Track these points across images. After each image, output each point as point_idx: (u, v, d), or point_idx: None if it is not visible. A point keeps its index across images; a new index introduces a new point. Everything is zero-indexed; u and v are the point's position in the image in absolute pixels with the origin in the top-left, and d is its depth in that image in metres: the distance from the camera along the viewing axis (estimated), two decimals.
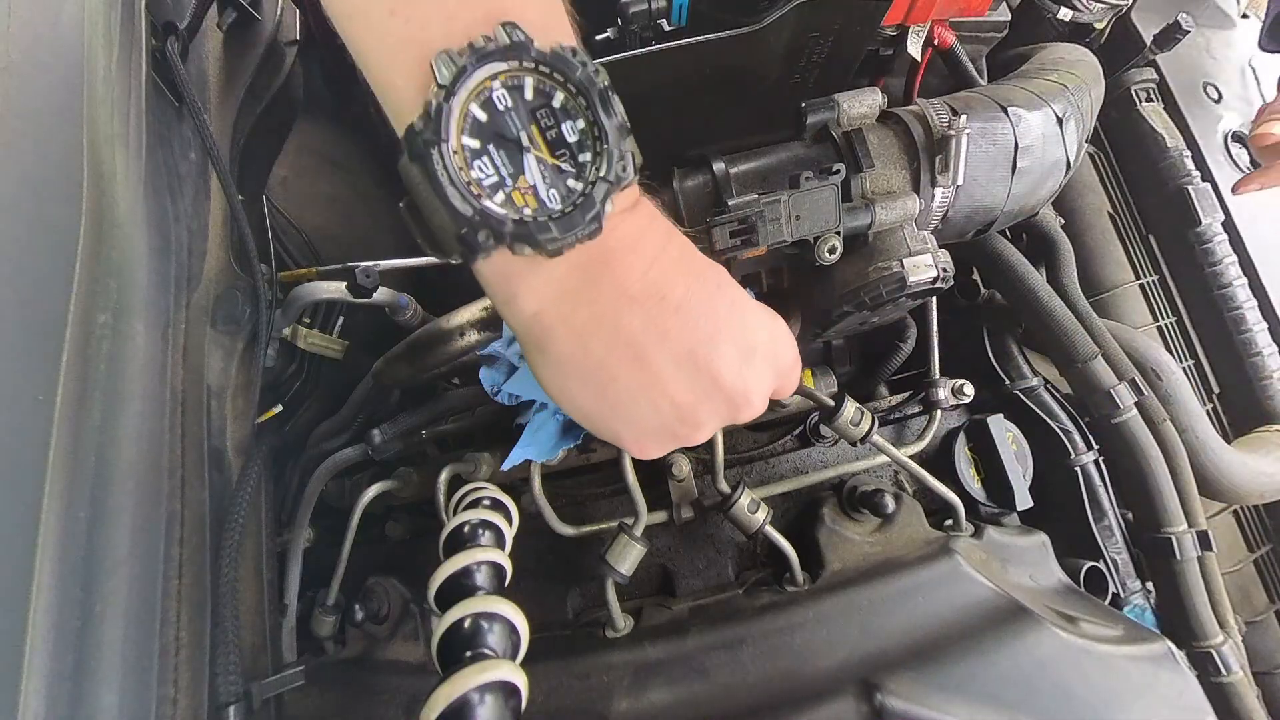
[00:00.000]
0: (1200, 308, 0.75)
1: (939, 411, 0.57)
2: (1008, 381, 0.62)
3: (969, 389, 0.58)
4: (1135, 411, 0.57)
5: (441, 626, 0.31)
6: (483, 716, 0.27)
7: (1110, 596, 0.54)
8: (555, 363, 0.31)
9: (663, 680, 0.42)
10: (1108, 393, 0.56)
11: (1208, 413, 0.69)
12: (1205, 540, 0.56)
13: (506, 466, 0.45)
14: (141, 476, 0.34)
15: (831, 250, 0.46)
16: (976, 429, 0.57)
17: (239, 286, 0.46)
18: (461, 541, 0.37)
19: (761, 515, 0.46)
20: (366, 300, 0.50)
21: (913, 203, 0.48)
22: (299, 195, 0.68)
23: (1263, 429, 0.70)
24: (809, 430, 0.56)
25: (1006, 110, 0.51)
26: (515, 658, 0.31)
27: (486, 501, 0.43)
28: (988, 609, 0.44)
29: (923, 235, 0.49)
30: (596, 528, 0.48)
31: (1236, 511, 0.74)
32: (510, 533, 0.41)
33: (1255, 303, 0.74)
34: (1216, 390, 0.75)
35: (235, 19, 0.51)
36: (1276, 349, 0.73)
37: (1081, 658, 0.41)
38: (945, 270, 0.47)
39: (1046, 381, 0.62)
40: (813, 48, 0.50)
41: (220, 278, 0.45)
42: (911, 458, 0.52)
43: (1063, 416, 0.60)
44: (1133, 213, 0.77)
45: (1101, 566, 0.55)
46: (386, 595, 0.51)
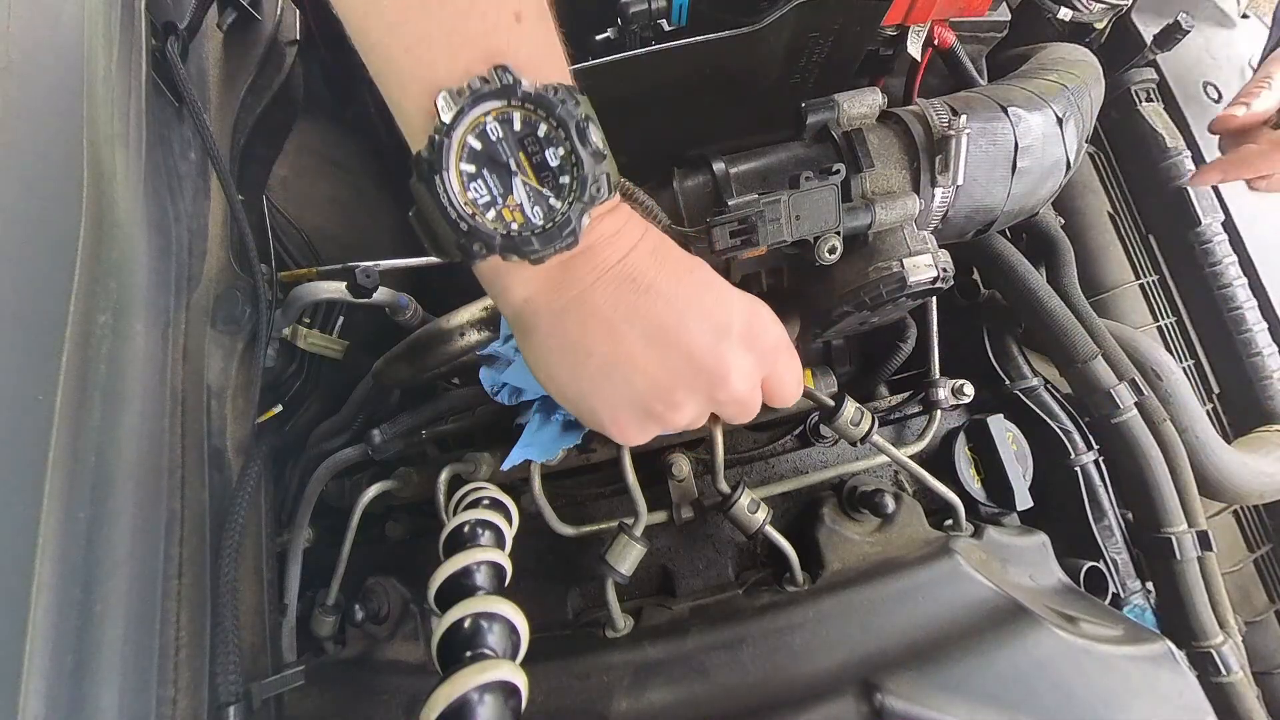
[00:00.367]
0: (1200, 308, 0.75)
1: (939, 411, 0.57)
2: (1008, 381, 0.62)
3: (969, 389, 0.58)
4: (1135, 411, 0.57)
5: (441, 626, 0.31)
6: (483, 716, 0.27)
7: (1110, 596, 0.54)
8: (538, 343, 0.34)
9: (663, 680, 0.42)
10: (1108, 393, 0.56)
11: (1208, 413, 0.69)
12: (1205, 540, 0.56)
13: (506, 466, 0.45)
14: (141, 476, 0.34)
15: (831, 250, 0.46)
16: (976, 429, 0.57)
17: (239, 286, 0.46)
18: (461, 541, 0.37)
19: (761, 515, 0.46)
20: (366, 300, 0.50)
21: (913, 203, 0.48)
22: (299, 195, 0.68)
23: (1263, 429, 0.70)
24: (809, 430, 0.56)
25: (1006, 110, 0.51)
26: (515, 658, 0.31)
27: (486, 501, 0.43)
28: (988, 609, 0.44)
29: (923, 235, 0.49)
30: (596, 528, 0.48)
31: (1236, 511, 0.74)
32: (510, 533, 0.41)
33: (1255, 303, 0.74)
34: (1216, 390, 0.75)
35: (235, 19, 0.51)
36: (1276, 349, 0.73)
37: (1081, 658, 0.41)
38: (945, 270, 0.47)
39: (1046, 381, 0.62)
40: (813, 48, 0.50)
41: (220, 278, 0.45)
42: (911, 458, 0.52)
43: (1063, 416, 0.60)
44: (1133, 213, 0.77)
45: (1101, 566, 0.55)
46: (386, 595, 0.51)
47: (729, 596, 0.47)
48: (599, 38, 0.55)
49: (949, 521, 0.51)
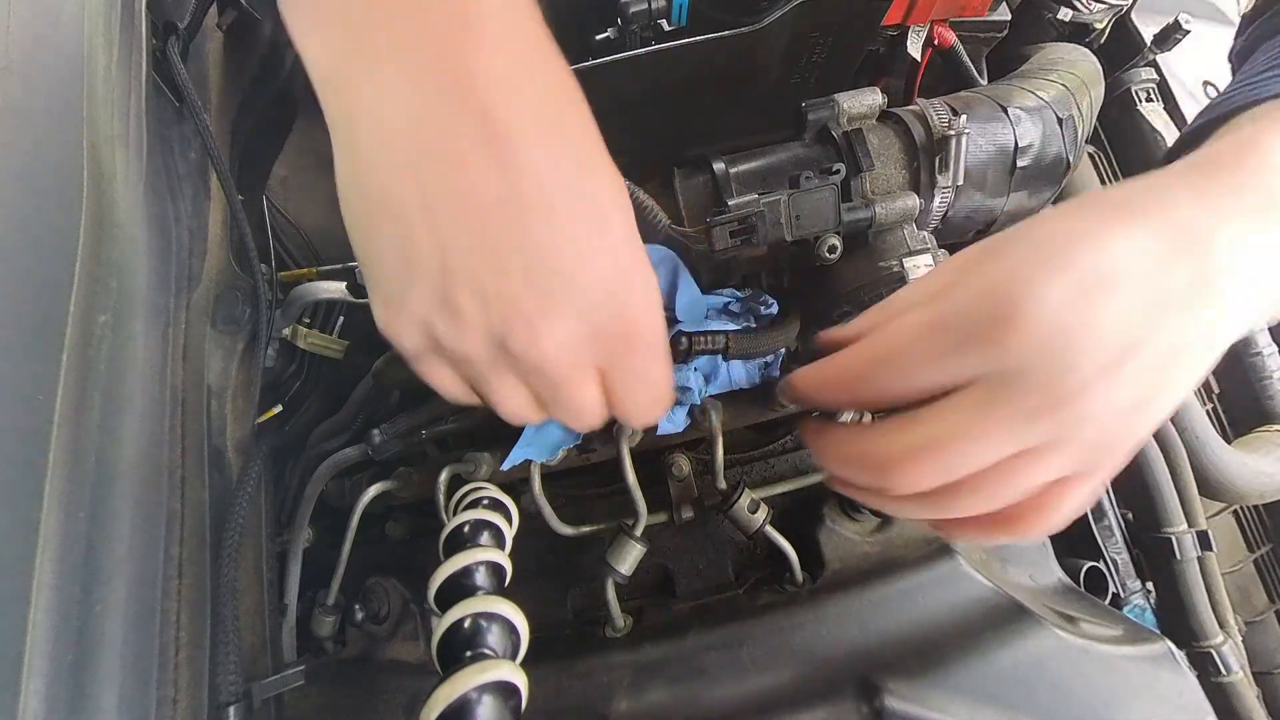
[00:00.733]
0: None
1: None
2: None
3: None
4: None
5: (441, 626, 0.31)
6: (483, 716, 0.27)
7: (1110, 596, 0.54)
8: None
9: (663, 680, 0.42)
10: None
11: (1208, 413, 0.69)
12: (1205, 540, 0.56)
13: (506, 466, 0.45)
14: (141, 476, 0.34)
15: (831, 250, 0.46)
16: None
17: (239, 286, 0.46)
18: (461, 541, 0.37)
19: (761, 515, 0.46)
20: (366, 300, 0.50)
21: (913, 202, 0.48)
22: (299, 195, 0.68)
23: (1263, 429, 0.70)
24: None
25: (1006, 110, 0.51)
26: (515, 658, 0.31)
27: (486, 501, 0.43)
28: (988, 609, 0.44)
29: (923, 235, 0.49)
30: (596, 528, 0.48)
31: (1236, 511, 0.74)
32: (510, 533, 0.41)
33: None
34: (1216, 390, 0.75)
35: (235, 19, 0.51)
36: (1276, 349, 0.73)
37: (1081, 658, 0.41)
38: None
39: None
40: (813, 48, 0.50)
41: (220, 278, 0.45)
42: None
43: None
44: None
45: (1101, 566, 0.55)
46: (386, 595, 0.51)
47: (729, 596, 0.47)
48: (599, 38, 0.55)
49: None
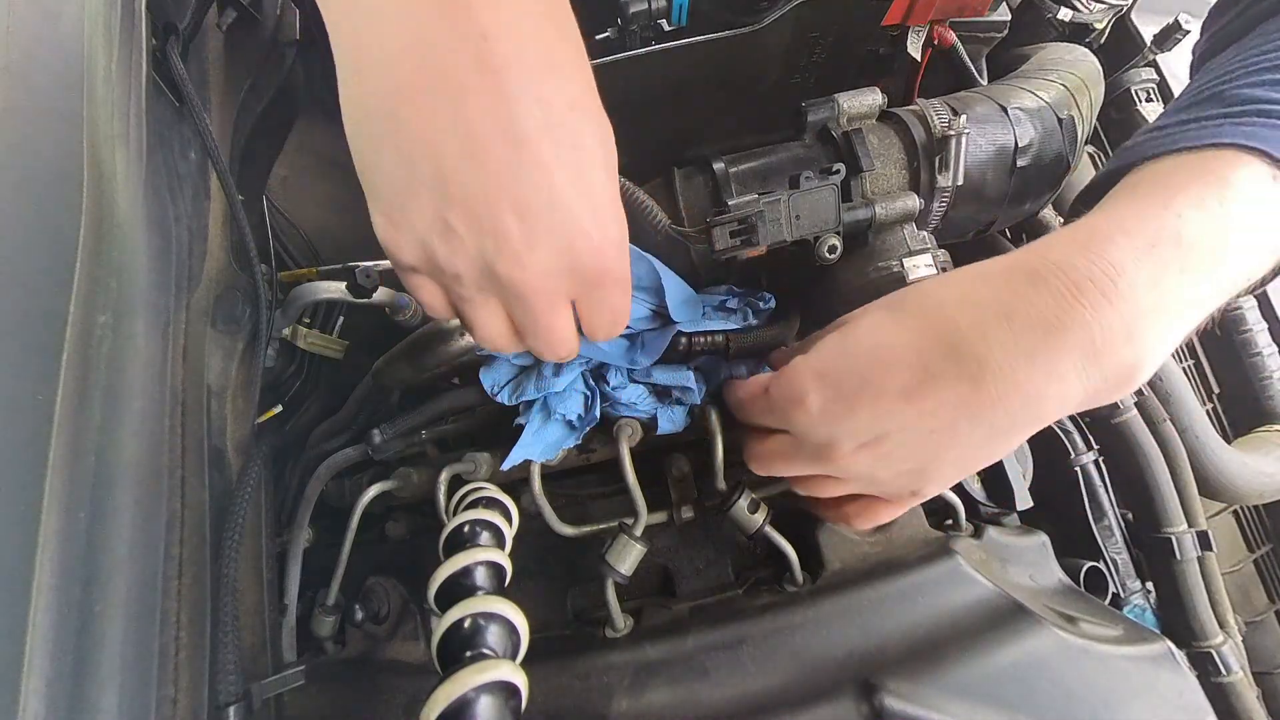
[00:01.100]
0: None
1: None
2: None
3: None
4: (1135, 411, 0.57)
5: (441, 626, 0.31)
6: (483, 716, 0.27)
7: (1110, 596, 0.54)
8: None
9: (663, 680, 0.42)
10: None
11: (1208, 413, 0.69)
12: (1205, 540, 0.56)
13: (506, 466, 0.45)
14: (141, 476, 0.34)
15: (831, 250, 0.46)
16: None
17: (239, 286, 0.46)
18: (461, 541, 0.37)
19: (761, 515, 0.46)
20: (366, 300, 0.50)
21: (913, 202, 0.48)
22: (299, 195, 0.68)
23: (1263, 429, 0.70)
24: None
25: (1006, 110, 0.51)
26: (515, 658, 0.31)
27: (486, 501, 0.43)
28: (988, 609, 0.44)
29: (923, 235, 0.49)
30: (596, 528, 0.48)
31: (1236, 511, 0.74)
32: (510, 533, 0.41)
33: (1255, 303, 0.74)
34: (1216, 390, 0.75)
35: (235, 19, 0.51)
36: (1276, 349, 0.73)
37: (1081, 658, 0.41)
38: (945, 270, 0.47)
39: None
40: (813, 48, 0.50)
41: (220, 278, 0.45)
42: None
43: (1063, 416, 0.60)
44: None
45: (1101, 566, 0.55)
46: (386, 595, 0.51)
47: (729, 596, 0.47)
48: (599, 38, 0.55)
49: (949, 521, 0.51)
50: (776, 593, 0.46)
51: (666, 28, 0.51)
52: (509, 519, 0.42)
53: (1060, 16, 0.68)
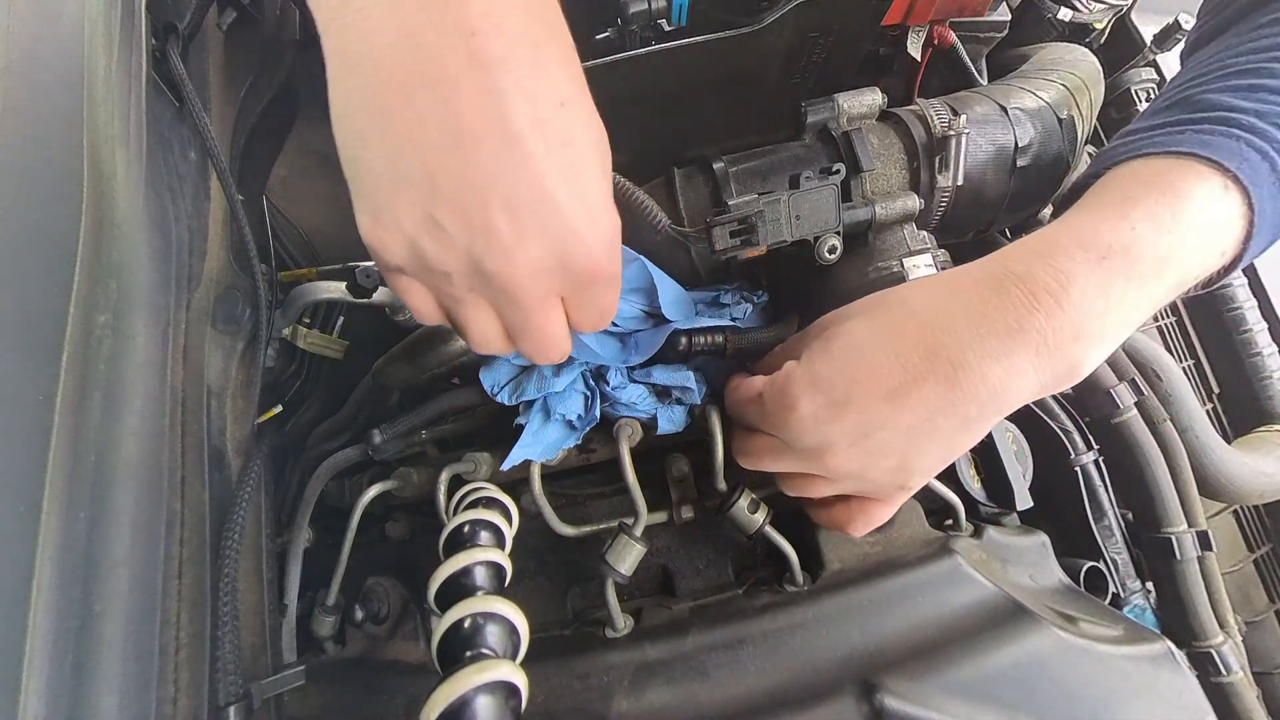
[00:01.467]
0: (1200, 308, 0.75)
1: None
2: None
3: None
4: (1135, 411, 0.57)
5: (441, 626, 0.31)
6: (483, 716, 0.27)
7: (1110, 596, 0.54)
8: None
9: (663, 680, 0.42)
10: (1108, 393, 0.56)
11: (1208, 413, 0.69)
12: (1205, 540, 0.56)
13: (506, 466, 0.45)
14: (141, 476, 0.34)
15: (831, 250, 0.46)
16: None
17: (239, 286, 0.46)
18: (461, 542, 0.37)
19: (761, 515, 0.46)
20: (366, 300, 0.50)
21: (913, 202, 0.48)
22: (299, 195, 0.67)
23: (1263, 429, 0.70)
24: None
25: (1006, 110, 0.51)
26: (515, 658, 0.31)
27: (486, 501, 0.43)
28: (988, 609, 0.44)
29: (923, 235, 0.49)
30: (596, 528, 0.48)
31: (1236, 511, 0.74)
32: (510, 533, 0.41)
33: (1255, 303, 0.74)
34: (1216, 390, 0.75)
35: (235, 19, 0.51)
36: (1276, 349, 0.73)
37: (1081, 658, 0.41)
38: (945, 270, 0.47)
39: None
40: (813, 48, 0.50)
41: (220, 278, 0.45)
42: None
43: (1063, 416, 0.60)
44: None
45: (1101, 566, 0.55)
46: (386, 595, 0.51)
47: (729, 596, 0.47)
48: (599, 37, 0.55)
49: (949, 521, 0.51)
50: (776, 593, 0.46)
51: (666, 28, 0.51)
52: (509, 519, 0.42)
53: (1060, 16, 0.68)
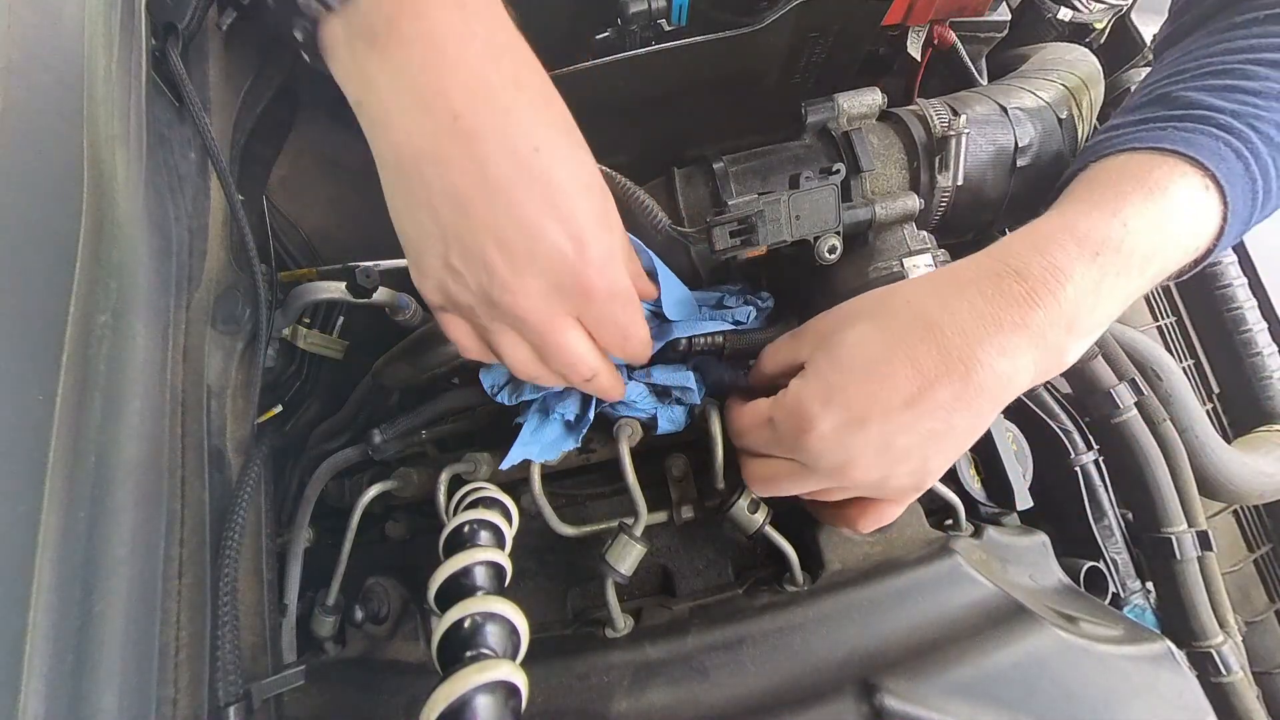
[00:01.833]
0: (1200, 308, 0.75)
1: None
2: None
3: None
4: (1135, 411, 0.57)
5: (441, 626, 0.31)
6: (483, 716, 0.27)
7: (1110, 596, 0.54)
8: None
9: (663, 680, 0.42)
10: (1108, 393, 0.56)
11: (1208, 413, 0.69)
12: (1205, 540, 0.56)
13: (504, 466, 0.45)
14: (141, 476, 0.34)
15: (831, 250, 0.46)
16: None
17: (239, 286, 0.46)
18: (461, 542, 0.37)
19: (761, 515, 0.46)
20: (366, 300, 0.50)
21: (913, 202, 0.48)
22: (299, 195, 0.67)
23: (1263, 429, 0.70)
24: None
25: (1006, 110, 0.51)
26: (515, 658, 0.31)
27: (486, 501, 0.43)
28: (988, 609, 0.44)
29: (922, 235, 0.49)
30: (596, 528, 0.48)
31: (1236, 511, 0.74)
32: (510, 533, 0.41)
33: (1255, 303, 0.74)
34: (1216, 390, 0.75)
35: (235, 19, 0.51)
36: (1276, 349, 0.73)
37: (1081, 658, 0.41)
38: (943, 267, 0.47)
39: (1046, 381, 0.62)
40: (813, 48, 0.50)
41: (220, 278, 0.45)
42: None
43: (1063, 416, 0.60)
44: None
45: (1101, 566, 0.55)
46: (386, 595, 0.51)
47: (729, 596, 0.47)
48: (599, 37, 0.55)
49: (949, 521, 0.51)
50: (776, 593, 0.46)
51: (666, 28, 0.51)
52: (509, 519, 0.42)
53: (1060, 16, 0.68)
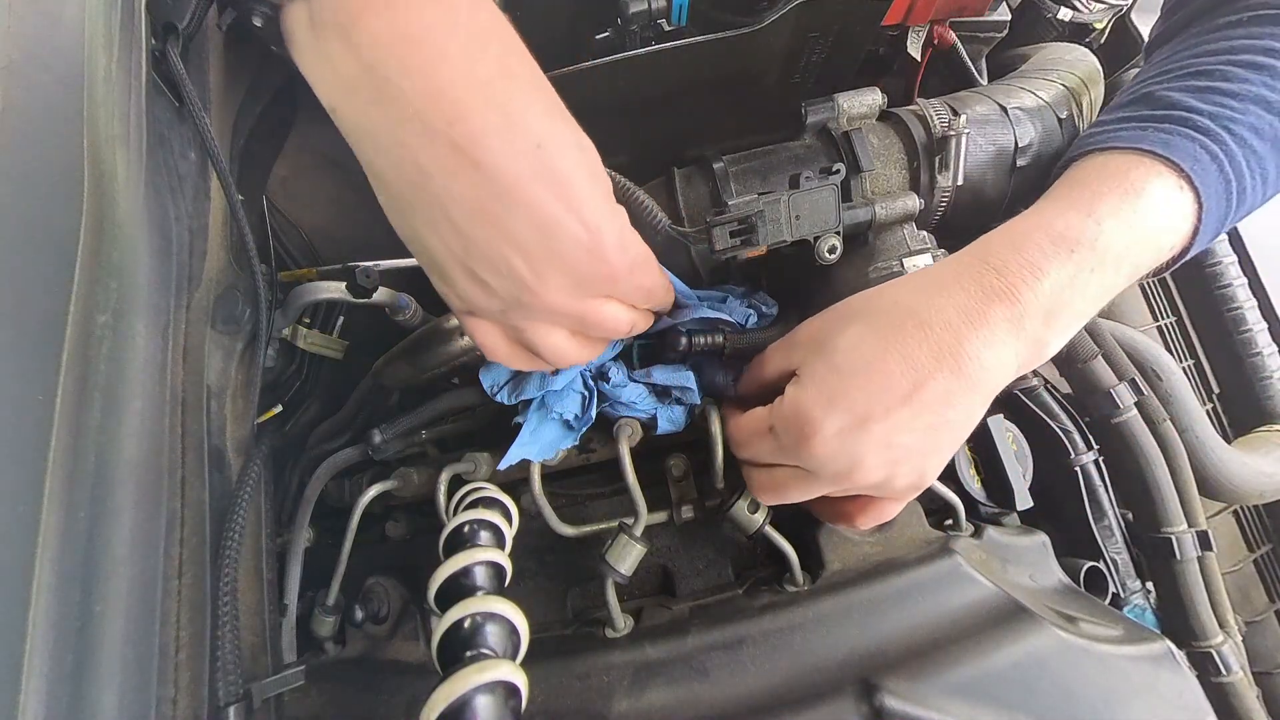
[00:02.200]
0: (1200, 308, 0.75)
1: None
2: None
3: None
4: (1135, 411, 0.57)
5: (441, 626, 0.31)
6: (483, 716, 0.27)
7: (1110, 596, 0.54)
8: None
9: (663, 680, 0.42)
10: (1108, 393, 0.56)
11: (1208, 413, 0.69)
12: (1205, 540, 0.56)
13: (503, 465, 0.45)
14: (141, 476, 0.34)
15: (831, 250, 0.46)
16: (976, 429, 0.57)
17: (239, 286, 0.46)
18: (461, 542, 0.37)
19: (761, 515, 0.46)
20: (366, 300, 0.50)
21: (913, 202, 0.48)
22: (299, 195, 0.67)
23: (1263, 429, 0.70)
24: None
25: (1006, 110, 0.51)
26: (515, 658, 0.31)
27: (486, 501, 0.43)
28: (988, 609, 0.44)
29: (922, 235, 0.49)
30: (596, 528, 0.48)
31: (1236, 511, 0.74)
32: (510, 533, 0.41)
33: (1255, 303, 0.74)
34: (1216, 390, 0.75)
35: (235, 19, 0.51)
36: (1276, 349, 0.73)
37: (1081, 658, 0.41)
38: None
39: (1046, 381, 0.62)
40: (813, 48, 0.50)
41: (220, 278, 0.45)
42: None
43: (1063, 416, 0.60)
44: None
45: (1101, 566, 0.55)
46: (386, 595, 0.51)
47: (729, 596, 0.47)
48: (599, 37, 0.55)
49: (949, 521, 0.51)
50: (776, 593, 0.46)
51: (666, 28, 0.51)
52: (509, 519, 0.42)
53: (1060, 16, 0.68)
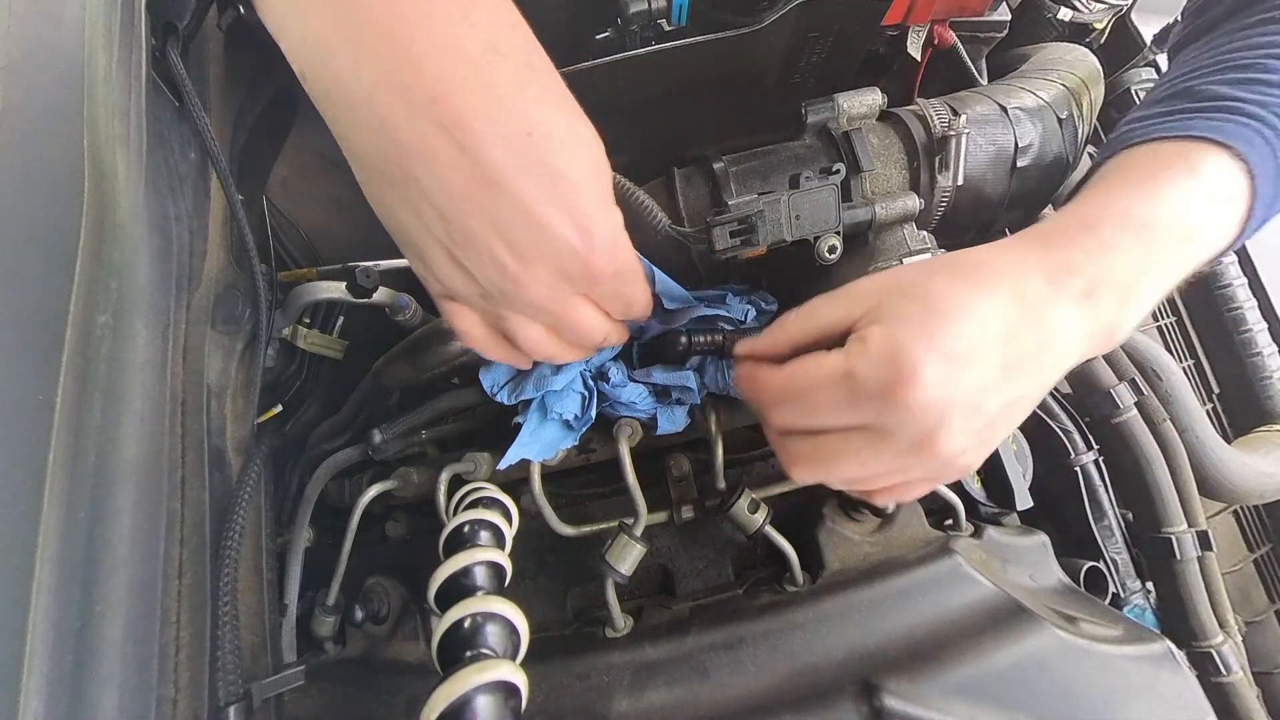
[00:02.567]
0: (1200, 308, 0.75)
1: None
2: None
3: None
4: (1135, 411, 0.57)
5: (441, 626, 0.31)
6: (483, 716, 0.27)
7: (1110, 596, 0.54)
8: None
9: (663, 680, 0.42)
10: (1108, 393, 0.56)
11: (1208, 413, 0.69)
12: (1205, 540, 0.56)
13: (503, 465, 0.45)
14: (141, 476, 0.34)
15: (831, 250, 0.46)
16: None
17: (239, 286, 0.46)
18: (461, 541, 0.37)
19: (761, 515, 0.46)
20: (366, 300, 0.50)
21: (913, 202, 0.48)
22: (299, 195, 0.68)
23: (1263, 429, 0.70)
24: None
25: (1006, 110, 0.51)
26: (515, 658, 0.31)
27: (486, 501, 0.43)
28: (988, 609, 0.44)
29: (923, 235, 0.49)
30: (596, 528, 0.48)
31: (1236, 511, 0.74)
32: (510, 533, 0.41)
33: (1255, 303, 0.74)
34: (1216, 390, 0.75)
35: (235, 19, 0.51)
36: (1276, 349, 0.73)
37: (1081, 658, 0.41)
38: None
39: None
40: (813, 48, 0.50)
41: (220, 278, 0.45)
42: None
43: (1063, 416, 0.60)
44: None
45: (1101, 566, 0.55)
46: (386, 595, 0.51)
47: (729, 596, 0.47)
48: (599, 37, 0.55)
49: (949, 521, 0.51)
50: (776, 593, 0.46)
51: (666, 28, 0.51)
52: (509, 519, 0.42)
53: (1060, 16, 0.68)
